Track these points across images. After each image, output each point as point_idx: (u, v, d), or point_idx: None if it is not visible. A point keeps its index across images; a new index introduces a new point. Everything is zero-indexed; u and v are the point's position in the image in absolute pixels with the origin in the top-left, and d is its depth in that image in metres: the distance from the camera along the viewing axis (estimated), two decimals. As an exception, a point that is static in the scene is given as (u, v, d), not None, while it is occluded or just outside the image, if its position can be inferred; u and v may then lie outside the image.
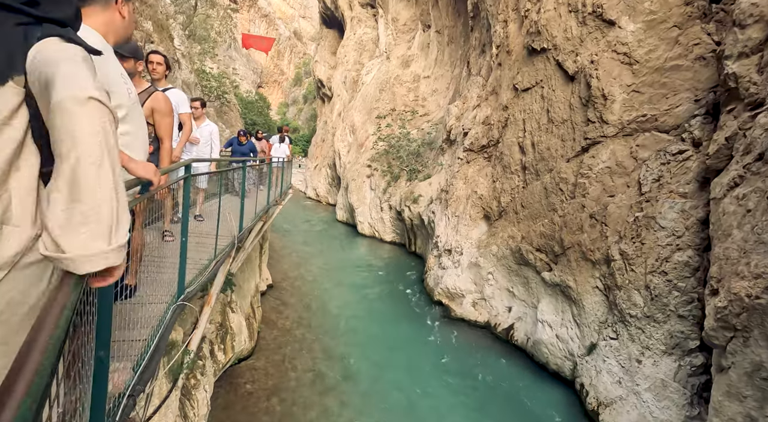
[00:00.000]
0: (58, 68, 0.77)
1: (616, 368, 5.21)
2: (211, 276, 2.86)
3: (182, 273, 2.42)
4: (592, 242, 5.90)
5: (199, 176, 4.08)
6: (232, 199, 4.71)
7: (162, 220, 2.78)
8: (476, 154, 9.56)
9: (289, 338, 6.82)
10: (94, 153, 0.74)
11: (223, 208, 3.13)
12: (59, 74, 0.76)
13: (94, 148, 0.75)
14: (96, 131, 0.75)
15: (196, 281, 2.64)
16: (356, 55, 22.37)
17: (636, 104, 5.85)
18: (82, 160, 0.73)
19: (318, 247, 13.81)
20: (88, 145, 0.74)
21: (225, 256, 3.10)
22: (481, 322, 8.02)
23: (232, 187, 5.55)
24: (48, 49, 0.80)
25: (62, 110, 0.73)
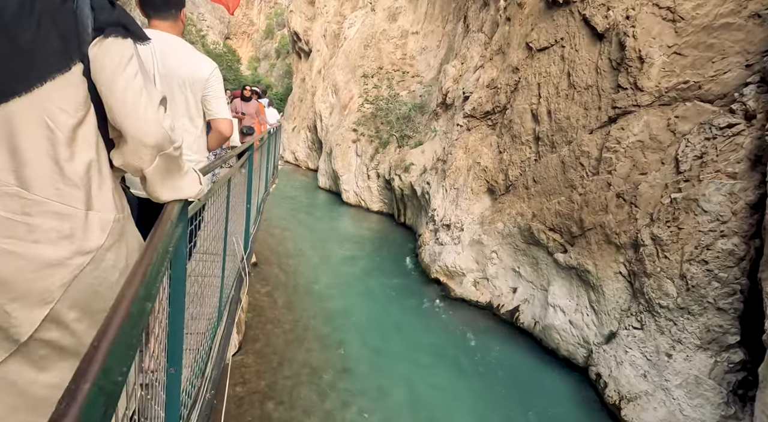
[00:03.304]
0: (125, 96, 0.90)
1: (640, 360, 4.87)
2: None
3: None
4: (618, 225, 5.38)
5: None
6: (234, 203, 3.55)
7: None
8: (479, 121, 8.75)
9: (280, 327, 6.16)
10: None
11: (224, 226, 2.09)
12: (127, 105, 0.90)
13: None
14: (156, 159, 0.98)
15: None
16: (337, 6, 20.40)
17: (677, 69, 5.16)
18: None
19: (302, 217, 12.95)
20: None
21: (235, 300, 2.18)
22: (483, 302, 7.60)
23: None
24: (108, 55, 0.88)
25: (133, 151, 0.94)
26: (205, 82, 1.83)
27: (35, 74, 0.80)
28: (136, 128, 0.91)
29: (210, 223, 1.56)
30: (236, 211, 2.19)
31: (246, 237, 2.64)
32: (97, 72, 0.88)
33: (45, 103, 0.81)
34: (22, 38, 0.78)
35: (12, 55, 0.77)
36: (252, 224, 3.20)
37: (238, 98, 6.25)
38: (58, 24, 0.82)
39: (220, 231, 1.72)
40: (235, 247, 1.99)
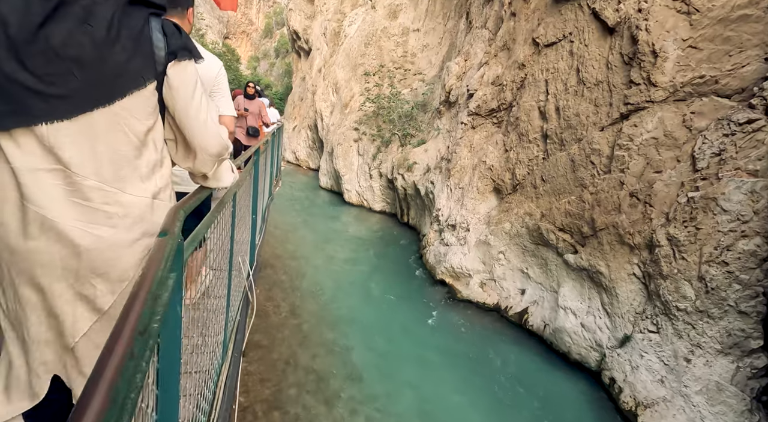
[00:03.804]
0: (197, 119, 1.11)
1: (657, 365, 4.71)
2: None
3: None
4: (632, 225, 5.22)
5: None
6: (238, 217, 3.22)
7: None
8: (483, 119, 8.58)
9: (283, 331, 6.00)
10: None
11: (226, 247, 1.80)
12: (198, 126, 1.12)
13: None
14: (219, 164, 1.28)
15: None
16: (337, 4, 20.21)
17: (693, 63, 4.98)
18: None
19: (303, 217, 12.79)
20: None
21: (242, 328, 1.98)
22: (490, 304, 7.44)
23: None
24: (182, 78, 1.06)
25: (201, 160, 1.17)
26: (213, 79, 1.87)
27: (118, 89, 0.94)
28: (203, 143, 1.12)
29: (215, 246, 1.38)
30: (241, 226, 1.96)
31: (252, 251, 2.43)
32: (172, 93, 1.05)
33: (123, 113, 0.95)
34: (111, 59, 0.92)
35: (102, 72, 0.91)
36: (258, 234, 2.95)
37: (241, 96, 5.99)
38: (138, 48, 0.96)
39: (224, 253, 1.55)
40: (241, 266, 1.79)
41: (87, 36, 0.89)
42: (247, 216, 2.25)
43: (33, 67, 0.86)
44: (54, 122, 0.89)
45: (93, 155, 0.92)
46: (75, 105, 0.90)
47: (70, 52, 0.88)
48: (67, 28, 0.88)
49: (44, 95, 0.87)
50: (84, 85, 0.90)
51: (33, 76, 0.86)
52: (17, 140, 0.88)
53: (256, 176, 2.62)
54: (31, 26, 0.84)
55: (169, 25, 1.04)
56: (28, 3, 0.85)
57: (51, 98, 0.88)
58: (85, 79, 0.90)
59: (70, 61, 0.88)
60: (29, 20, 0.84)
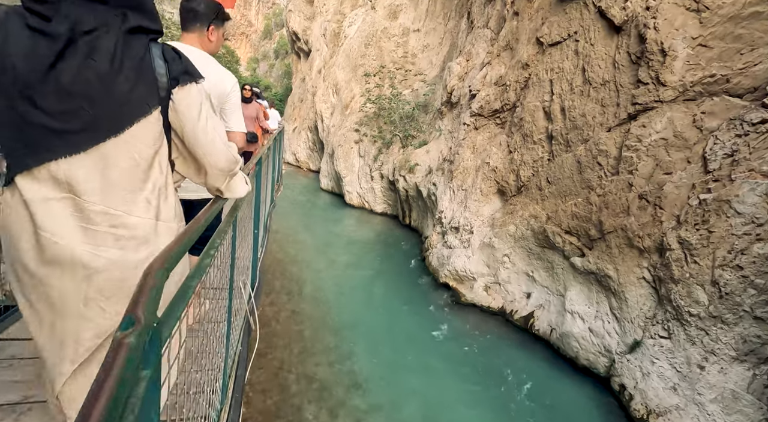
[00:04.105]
0: (206, 140, 1.15)
1: (669, 372, 4.58)
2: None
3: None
4: (641, 227, 5.09)
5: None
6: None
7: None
8: (486, 119, 8.46)
9: (285, 338, 5.88)
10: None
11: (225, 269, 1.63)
12: (207, 146, 1.16)
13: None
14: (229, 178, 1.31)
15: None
16: (337, 4, 20.11)
17: (703, 62, 4.86)
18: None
19: (304, 220, 12.68)
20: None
21: (243, 362, 1.79)
22: (495, 308, 7.32)
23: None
24: (187, 102, 1.10)
25: (213, 176, 1.23)
26: (227, 96, 1.88)
27: (126, 118, 0.97)
28: (213, 161, 1.17)
29: (215, 272, 1.24)
30: (242, 245, 1.80)
31: (253, 268, 2.26)
32: (179, 117, 1.09)
33: (132, 140, 0.98)
34: (116, 90, 0.94)
35: (108, 104, 0.94)
36: (259, 248, 2.75)
37: None
38: (141, 77, 0.98)
39: (223, 278, 1.42)
40: (242, 290, 1.64)
41: (92, 71, 0.92)
42: (248, 233, 2.08)
43: (46, 107, 0.89)
44: (70, 156, 0.93)
45: (104, 182, 0.96)
46: (88, 138, 0.94)
47: (79, 89, 0.91)
48: (75, 65, 0.90)
49: (59, 132, 0.91)
50: (95, 119, 0.94)
51: (47, 115, 0.90)
52: (32, 173, 0.92)
53: (258, 187, 2.43)
54: (42, 68, 0.88)
55: (169, 51, 1.07)
56: (36, 46, 0.88)
57: (65, 134, 0.92)
58: (95, 112, 0.93)
59: (80, 98, 0.92)
60: (39, 62, 0.88)
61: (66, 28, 0.89)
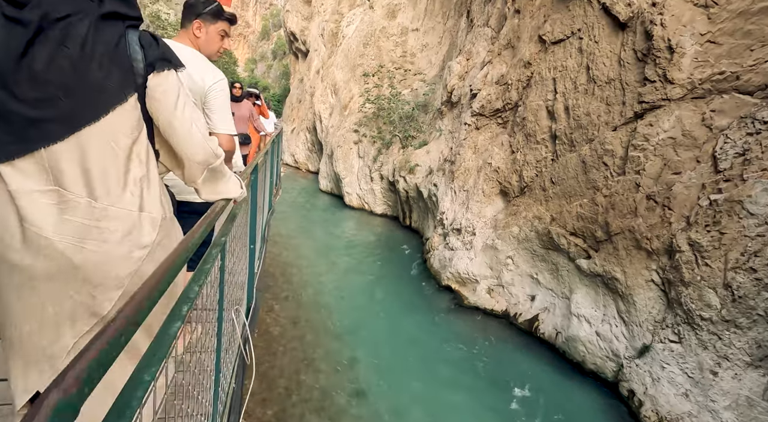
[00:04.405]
0: (181, 129, 1.12)
1: (680, 377, 4.46)
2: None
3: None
4: (650, 229, 4.97)
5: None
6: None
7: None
8: (488, 119, 8.34)
9: (285, 344, 5.75)
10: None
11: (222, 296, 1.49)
12: (182, 136, 1.13)
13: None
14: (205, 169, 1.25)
15: None
16: (334, 4, 19.98)
17: (711, 58, 4.74)
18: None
19: (303, 222, 12.55)
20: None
21: (236, 402, 1.63)
22: (498, 311, 7.19)
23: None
24: (163, 89, 1.07)
25: (188, 168, 1.19)
26: (207, 91, 1.75)
27: (102, 106, 0.96)
28: (189, 152, 1.14)
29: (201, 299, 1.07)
30: (236, 265, 1.62)
31: (249, 287, 2.08)
32: (154, 105, 1.06)
33: (109, 128, 0.98)
34: (90, 77, 0.93)
35: (83, 91, 0.93)
36: (256, 261, 2.52)
37: None
38: (115, 63, 0.97)
39: (212, 301, 1.26)
40: (234, 321, 1.46)
41: (65, 58, 0.91)
42: (243, 249, 1.89)
43: (21, 95, 0.89)
44: (50, 145, 0.92)
45: (84, 173, 0.96)
46: (65, 126, 0.93)
47: (52, 77, 0.90)
48: (47, 52, 0.90)
49: (36, 121, 0.91)
50: (70, 107, 0.93)
51: (23, 104, 0.89)
52: (15, 164, 0.91)
53: (254, 197, 2.23)
54: (14, 56, 0.87)
55: (146, 37, 1.04)
56: (9, 34, 0.87)
57: (43, 122, 0.91)
58: (70, 100, 0.92)
59: (54, 85, 0.91)
60: (11, 51, 0.87)
61: (37, 15, 0.88)
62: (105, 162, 0.97)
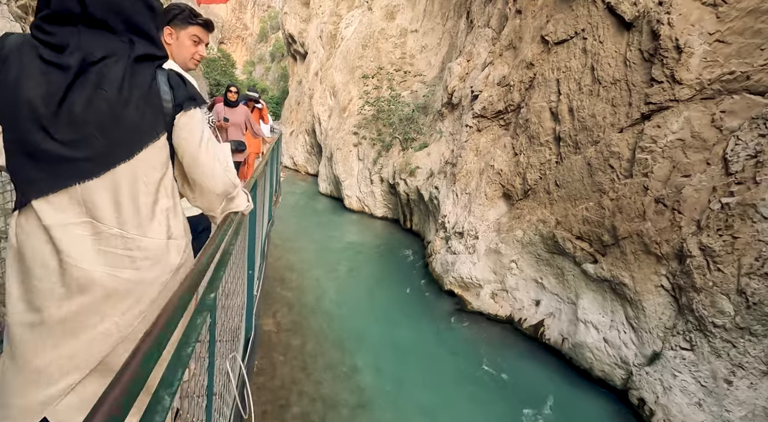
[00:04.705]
0: (205, 166, 1.17)
1: (693, 386, 4.33)
2: None
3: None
4: (659, 233, 4.85)
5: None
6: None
7: None
8: (490, 121, 8.23)
9: (286, 354, 5.61)
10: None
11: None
12: (206, 172, 1.18)
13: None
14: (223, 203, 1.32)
15: None
16: (333, 6, 19.89)
17: (721, 58, 4.63)
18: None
19: (303, 225, 12.42)
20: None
21: None
22: (503, 316, 7.06)
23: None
24: (190, 127, 1.13)
25: (208, 200, 1.25)
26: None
27: (137, 144, 1.02)
28: (211, 185, 1.20)
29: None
30: (229, 303, 1.46)
31: (248, 317, 1.89)
32: (182, 143, 1.13)
33: (142, 164, 1.03)
34: (126, 118, 0.99)
35: (119, 131, 0.99)
36: (256, 282, 2.31)
37: (220, 104, 4.80)
38: (149, 104, 1.03)
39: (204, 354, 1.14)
40: (229, 374, 1.32)
41: (103, 100, 0.95)
42: (240, 276, 1.73)
43: (60, 137, 0.92)
44: (84, 181, 0.96)
45: (116, 206, 1.00)
46: (100, 164, 0.97)
47: (90, 118, 0.94)
48: (85, 95, 0.93)
49: (73, 160, 0.94)
50: (106, 146, 0.97)
51: (61, 145, 0.93)
52: (49, 199, 0.95)
53: (252, 219, 2.06)
54: (55, 100, 0.91)
55: (174, 77, 1.08)
56: (49, 79, 0.91)
57: (79, 161, 0.95)
58: (106, 139, 0.96)
59: (92, 126, 0.95)
60: (53, 95, 0.91)
61: (77, 60, 0.92)
62: (136, 195, 1.02)
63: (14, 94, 0.91)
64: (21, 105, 0.90)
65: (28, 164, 0.93)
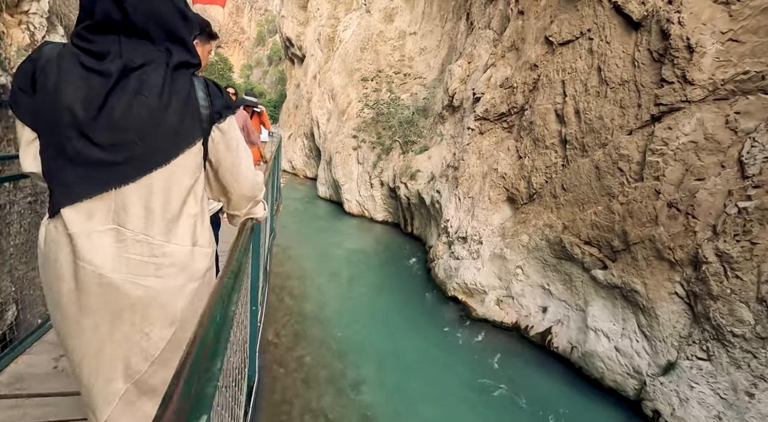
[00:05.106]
0: (240, 172, 1.19)
1: (711, 398, 4.16)
2: None
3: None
4: (672, 238, 4.69)
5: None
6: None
7: None
8: (492, 123, 8.08)
9: (286, 365, 5.42)
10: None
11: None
12: (240, 178, 1.20)
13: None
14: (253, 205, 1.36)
15: None
16: (330, 9, 19.78)
17: (734, 58, 4.49)
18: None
19: (303, 230, 12.23)
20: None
21: None
22: (508, 323, 6.88)
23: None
24: (228, 135, 1.14)
25: (237, 202, 1.27)
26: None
27: (174, 150, 1.02)
28: (243, 189, 1.23)
29: None
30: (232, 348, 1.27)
31: (251, 360, 1.66)
32: (220, 150, 1.13)
33: (177, 170, 1.03)
34: (165, 123, 0.99)
35: (158, 136, 0.99)
36: (260, 310, 2.12)
37: None
38: (188, 110, 1.03)
39: None
40: None
41: (143, 106, 0.95)
42: (243, 313, 1.55)
43: (99, 141, 0.94)
44: (120, 186, 0.96)
45: (147, 211, 0.99)
46: (138, 168, 0.97)
47: (130, 123, 0.95)
48: (126, 101, 0.94)
49: (112, 164, 0.95)
50: (145, 151, 0.97)
51: (100, 149, 0.94)
52: (80, 207, 0.95)
53: (255, 258, 1.86)
54: (96, 105, 0.92)
55: (212, 86, 1.09)
56: (89, 85, 0.92)
57: (117, 165, 0.95)
58: (145, 145, 0.96)
59: (132, 131, 0.95)
60: (93, 101, 0.92)
61: (118, 66, 0.93)
62: (167, 201, 1.01)
63: (54, 100, 0.91)
64: (61, 110, 0.91)
65: (68, 169, 0.94)
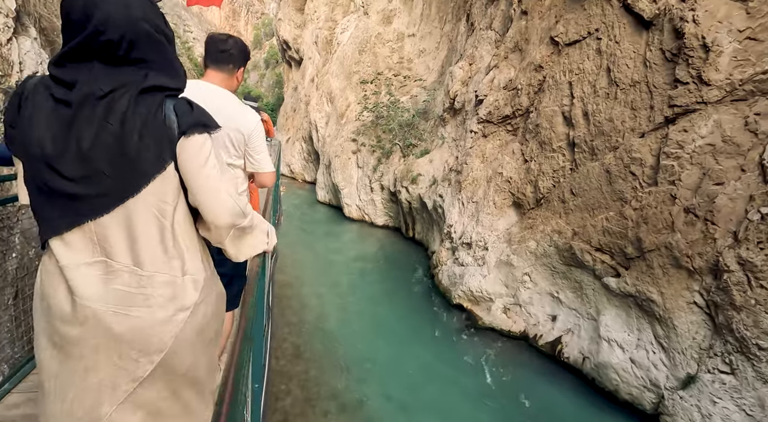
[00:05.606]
0: (208, 192, 1.07)
1: (737, 415, 3.95)
2: None
3: None
4: (690, 245, 4.49)
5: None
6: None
7: None
8: (496, 126, 7.89)
9: (287, 380, 5.19)
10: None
11: None
12: (209, 198, 1.07)
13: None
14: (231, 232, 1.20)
15: None
16: (328, 11, 19.61)
17: (753, 57, 4.31)
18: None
19: (302, 236, 12.01)
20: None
21: None
22: (516, 332, 6.67)
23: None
24: (192, 151, 1.04)
25: (214, 230, 1.13)
26: (250, 134, 1.87)
27: (142, 178, 0.98)
28: (214, 214, 1.10)
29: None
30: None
31: (255, 412, 1.53)
32: (183, 167, 1.05)
33: (151, 198, 1.00)
34: (130, 150, 0.95)
35: (125, 164, 0.96)
36: (264, 346, 2.00)
37: None
38: (153, 134, 0.98)
39: None
40: None
41: (109, 135, 0.93)
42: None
43: (69, 175, 0.93)
44: (96, 218, 0.96)
45: (131, 242, 0.99)
46: (111, 199, 0.96)
47: (98, 153, 0.93)
48: (93, 130, 0.92)
49: (84, 197, 0.94)
50: (115, 180, 0.95)
51: (71, 182, 0.93)
52: (65, 239, 0.96)
53: (261, 295, 1.75)
54: (62, 137, 0.91)
55: (182, 105, 1.04)
56: (58, 116, 0.92)
57: (91, 198, 0.95)
58: (114, 174, 0.95)
59: (100, 161, 0.93)
60: (61, 132, 0.91)
61: (81, 95, 0.92)
62: (149, 230, 1.00)
63: (29, 134, 0.92)
64: (34, 144, 0.91)
65: (45, 203, 0.95)
